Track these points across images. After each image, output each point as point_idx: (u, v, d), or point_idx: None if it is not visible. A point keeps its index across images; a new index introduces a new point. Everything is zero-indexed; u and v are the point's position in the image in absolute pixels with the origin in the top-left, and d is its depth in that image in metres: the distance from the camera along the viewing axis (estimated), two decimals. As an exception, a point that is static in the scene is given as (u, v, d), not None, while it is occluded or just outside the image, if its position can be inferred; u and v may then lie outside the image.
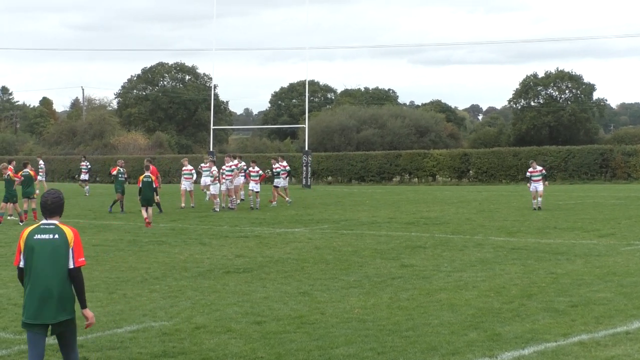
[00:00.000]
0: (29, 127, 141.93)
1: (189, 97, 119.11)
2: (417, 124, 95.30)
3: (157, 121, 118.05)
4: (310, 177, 62.88)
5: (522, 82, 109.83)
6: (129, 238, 26.15)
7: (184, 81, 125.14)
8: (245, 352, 11.55)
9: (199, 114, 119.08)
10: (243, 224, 30.75)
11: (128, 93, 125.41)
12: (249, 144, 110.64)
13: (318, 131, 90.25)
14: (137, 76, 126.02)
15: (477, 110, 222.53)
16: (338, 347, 11.77)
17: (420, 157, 69.21)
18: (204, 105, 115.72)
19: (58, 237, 9.10)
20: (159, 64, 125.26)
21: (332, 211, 36.80)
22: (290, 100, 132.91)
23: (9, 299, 15.71)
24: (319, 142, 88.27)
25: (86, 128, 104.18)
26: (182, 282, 17.63)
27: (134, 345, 11.94)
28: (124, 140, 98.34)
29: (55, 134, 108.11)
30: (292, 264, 20.12)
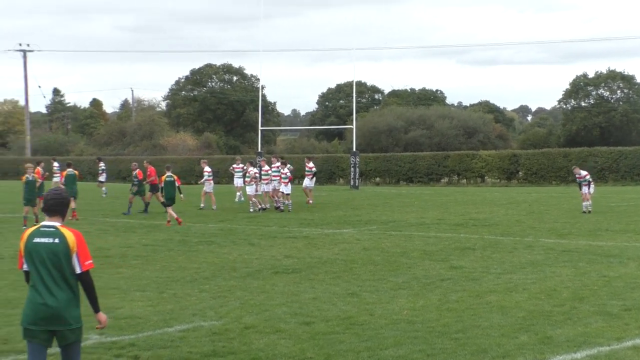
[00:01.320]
0: (80, 128, 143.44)
1: (236, 98, 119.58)
2: (465, 124, 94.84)
3: (206, 122, 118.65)
4: (358, 178, 62.79)
5: (572, 82, 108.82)
6: (179, 238, 26.30)
7: (231, 82, 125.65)
8: (294, 352, 11.56)
9: (247, 115, 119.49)
10: (292, 224, 30.80)
11: (176, 94, 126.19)
12: (296, 144, 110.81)
13: (365, 132, 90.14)
14: (185, 77, 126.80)
15: (526, 111, 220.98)
16: (387, 348, 11.73)
17: (468, 158, 68.83)
18: (251, 106, 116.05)
19: (58, 242, 8.47)
20: (207, 65, 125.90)
21: (380, 212, 36.72)
22: (338, 101, 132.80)
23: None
24: (367, 143, 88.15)
25: (135, 129, 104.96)
26: (231, 282, 17.69)
27: (184, 345, 12.00)
28: (172, 141, 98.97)
29: (105, 134, 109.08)
30: (340, 265, 20.11)
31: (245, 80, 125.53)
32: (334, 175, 72.06)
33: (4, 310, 14.54)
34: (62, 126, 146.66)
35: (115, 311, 14.42)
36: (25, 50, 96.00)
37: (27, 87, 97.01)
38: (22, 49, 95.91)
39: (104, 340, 12.29)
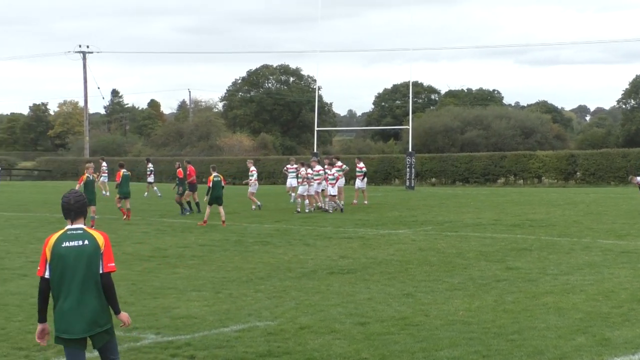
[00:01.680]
0: (138, 128, 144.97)
1: (293, 98, 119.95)
2: (522, 125, 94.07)
3: (262, 123, 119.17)
4: (414, 179, 62.61)
5: (632, 81, 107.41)
6: (235, 238, 26.44)
7: (288, 83, 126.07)
8: (349, 352, 11.57)
9: (303, 116, 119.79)
10: (347, 225, 30.80)
11: (233, 95, 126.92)
12: (352, 145, 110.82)
13: (422, 132, 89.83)
14: (242, 78, 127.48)
15: (585, 111, 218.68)
16: (442, 349, 11.69)
17: (525, 159, 68.19)
18: (308, 107, 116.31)
19: (88, 243, 8.38)
20: (263, 66, 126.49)
21: (436, 213, 36.57)
22: (394, 101, 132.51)
23: (119, 297, 15.96)
24: (423, 144, 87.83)
25: (192, 130, 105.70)
26: (287, 282, 17.75)
27: (240, 345, 12.06)
28: (229, 142, 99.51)
29: (163, 135, 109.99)
30: (395, 266, 20.07)
31: (302, 81, 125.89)
32: (390, 176, 71.89)
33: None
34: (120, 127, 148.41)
35: (172, 311, 14.56)
36: (84, 52, 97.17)
37: (86, 89, 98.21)
38: (81, 50, 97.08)
39: (160, 340, 12.42)
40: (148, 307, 14.97)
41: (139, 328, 13.17)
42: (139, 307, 14.98)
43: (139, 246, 24.57)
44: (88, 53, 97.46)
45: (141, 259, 21.75)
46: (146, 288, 17.06)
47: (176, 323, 13.53)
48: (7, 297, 16.09)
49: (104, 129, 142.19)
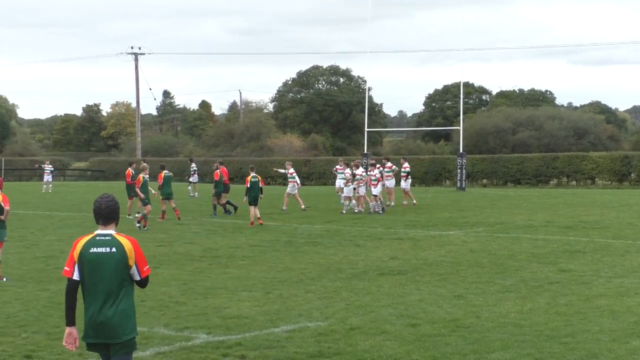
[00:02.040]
0: (189, 129, 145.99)
1: (343, 99, 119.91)
2: (575, 125, 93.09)
3: (312, 123, 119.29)
4: (465, 180, 62.30)
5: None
6: (285, 239, 26.49)
7: (338, 84, 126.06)
8: (400, 354, 11.53)
9: (353, 116, 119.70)
10: (397, 226, 30.73)
11: (284, 96, 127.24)
12: (402, 146, 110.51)
13: (472, 133, 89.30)
14: (292, 79, 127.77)
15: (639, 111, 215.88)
16: (493, 351, 11.61)
17: (578, 160, 67.56)
18: (358, 108, 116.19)
19: (116, 251, 8.23)
20: (314, 67, 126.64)
21: (487, 214, 36.35)
22: (445, 102, 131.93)
23: (170, 296, 16.15)
24: (474, 145, 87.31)
25: (243, 130, 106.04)
26: (337, 283, 17.74)
27: (291, 345, 12.08)
28: (279, 143, 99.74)
29: (214, 136, 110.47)
30: (446, 267, 19.98)
31: (352, 81, 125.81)
32: (440, 177, 71.64)
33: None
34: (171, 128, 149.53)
35: (223, 311, 14.62)
36: (136, 54, 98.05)
37: (138, 90, 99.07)
38: (133, 52, 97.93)
39: (211, 340, 12.48)
40: (199, 306, 15.05)
41: (191, 327, 13.25)
42: (190, 306, 15.07)
43: (190, 246, 24.72)
44: (140, 54, 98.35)
45: (192, 259, 21.88)
46: (197, 288, 17.16)
47: (227, 323, 13.59)
48: (62, 296, 16.14)
49: (156, 130, 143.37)
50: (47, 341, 12.40)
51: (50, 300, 15.64)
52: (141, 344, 12.21)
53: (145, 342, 12.27)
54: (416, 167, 70.99)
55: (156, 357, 11.55)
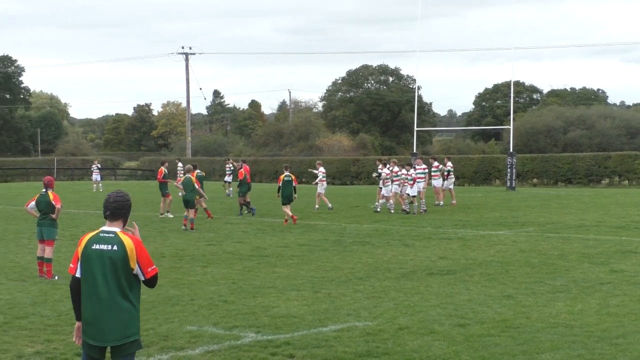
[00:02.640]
0: (239, 129, 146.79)
1: (392, 98, 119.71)
2: (628, 125, 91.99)
3: (361, 123, 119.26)
4: (515, 179, 61.85)
5: None
6: (334, 238, 26.50)
7: (387, 83, 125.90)
8: (448, 354, 11.48)
9: (403, 116, 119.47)
10: (446, 225, 30.61)
11: (333, 95, 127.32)
12: (452, 145, 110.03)
13: (523, 132, 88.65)
14: (342, 79, 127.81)
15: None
16: (543, 352, 11.52)
17: (631, 159, 66.70)
18: (407, 107, 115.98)
19: (117, 249, 7.95)
20: (363, 66, 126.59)
21: (538, 214, 36.05)
22: (495, 101, 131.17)
23: (219, 295, 16.23)
24: (524, 144, 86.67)
25: (292, 130, 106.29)
26: (386, 282, 17.71)
27: (339, 344, 12.07)
28: (328, 142, 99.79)
29: (263, 135, 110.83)
30: (496, 267, 19.86)
31: (401, 80, 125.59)
32: (490, 176, 71.18)
33: (165, 307, 14.98)
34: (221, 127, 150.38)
35: (272, 310, 14.66)
36: (187, 54, 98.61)
37: (188, 90, 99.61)
38: (184, 52, 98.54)
39: (260, 339, 12.51)
40: (248, 305, 15.11)
41: (240, 326, 13.31)
42: (239, 305, 15.13)
43: (239, 245, 24.82)
44: (190, 54, 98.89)
45: (241, 258, 21.97)
46: (246, 287, 17.22)
47: (276, 322, 13.62)
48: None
49: (206, 129, 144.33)
50: (98, 339, 12.50)
51: (101, 299, 15.77)
52: (190, 342, 12.30)
53: (194, 341, 12.35)
54: (466, 166, 70.72)
55: (205, 355, 11.61)
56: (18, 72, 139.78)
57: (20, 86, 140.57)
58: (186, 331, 13.01)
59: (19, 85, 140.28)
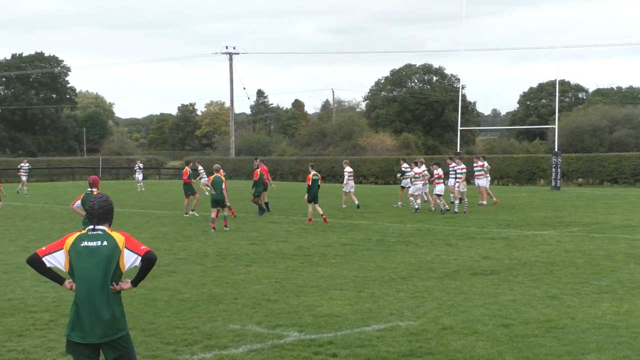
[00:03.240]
0: (282, 128, 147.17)
1: (436, 98, 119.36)
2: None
3: (405, 122, 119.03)
4: (560, 179, 61.38)
5: None
6: (377, 238, 26.47)
7: (431, 82, 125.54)
8: (492, 354, 11.42)
9: (446, 115, 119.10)
10: (490, 225, 30.45)
11: (376, 95, 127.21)
12: (496, 145, 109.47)
13: (568, 132, 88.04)
14: (385, 78, 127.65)
15: None
16: (589, 353, 11.42)
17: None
18: (451, 106, 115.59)
19: (107, 244, 8.03)
20: (406, 65, 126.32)
21: (583, 214, 35.75)
22: (539, 100, 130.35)
23: (263, 294, 16.27)
24: (569, 143, 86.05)
25: (335, 129, 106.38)
26: (429, 282, 17.66)
27: (382, 344, 12.06)
28: (371, 142, 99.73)
29: (306, 135, 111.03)
30: (540, 267, 19.72)
31: (445, 80, 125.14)
32: (535, 176, 70.67)
33: (208, 306, 15.05)
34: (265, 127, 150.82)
35: (315, 309, 14.67)
36: (231, 53, 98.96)
37: (232, 89, 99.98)
38: (228, 52, 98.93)
39: (303, 338, 12.53)
40: (291, 304, 15.14)
41: (283, 325, 13.34)
42: (282, 304, 15.17)
43: (282, 244, 24.88)
44: (234, 54, 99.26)
45: (284, 257, 22.01)
46: (289, 286, 17.26)
47: (319, 321, 13.63)
48: (156, 293, 16.53)
49: (249, 129, 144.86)
50: (142, 337, 12.61)
51: (145, 297, 15.91)
52: (234, 341, 12.35)
53: (237, 340, 12.40)
54: (510, 166, 70.31)
55: (248, 354, 11.65)
56: (64, 72, 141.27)
57: (66, 86, 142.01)
58: (229, 330, 13.06)
59: (65, 85, 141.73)
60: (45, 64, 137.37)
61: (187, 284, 17.66)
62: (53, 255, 8.11)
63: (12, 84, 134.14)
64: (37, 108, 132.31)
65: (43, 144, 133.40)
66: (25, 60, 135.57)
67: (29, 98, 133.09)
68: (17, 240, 26.56)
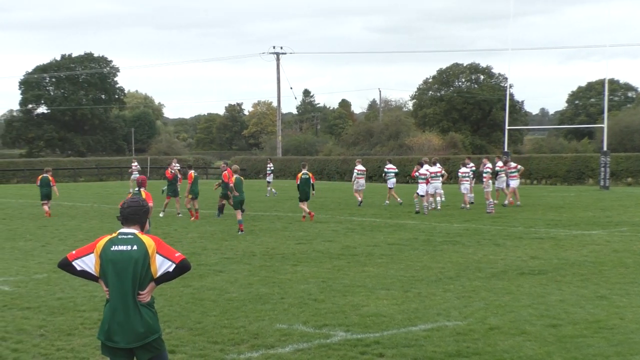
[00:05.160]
0: (329, 128, 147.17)
1: (483, 97, 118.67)
2: None
3: (451, 122, 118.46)
4: (609, 178, 60.78)
5: None
6: (424, 237, 26.41)
7: (478, 81, 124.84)
8: (540, 355, 11.36)
9: (494, 114, 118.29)
10: (538, 225, 30.24)
11: (423, 94, 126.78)
12: (544, 144, 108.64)
13: (617, 131, 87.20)
14: (432, 77, 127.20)
15: None
16: (638, 354, 11.33)
17: None
18: (498, 106, 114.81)
19: (137, 249, 7.99)
20: (453, 64, 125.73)
21: (632, 213, 35.38)
22: (588, 99, 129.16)
23: (309, 294, 16.31)
24: (618, 142, 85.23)
25: (382, 129, 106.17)
26: (476, 282, 17.59)
27: (429, 344, 12.04)
28: (418, 141, 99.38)
29: (353, 135, 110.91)
30: (589, 267, 19.56)
31: (492, 79, 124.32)
32: (583, 175, 70.05)
33: (255, 305, 15.12)
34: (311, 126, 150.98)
35: (361, 309, 14.68)
36: (278, 53, 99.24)
37: (279, 89, 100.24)
38: (275, 51, 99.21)
39: (349, 337, 12.55)
40: (338, 304, 15.16)
41: (329, 325, 13.36)
42: (329, 304, 15.19)
43: (329, 244, 24.91)
44: (281, 54, 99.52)
45: (331, 257, 22.04)
46: (336, 286, 17.28)
47: (365, 321, 13.64)
48: (204, 292, 16.64)
49: (296, 129, 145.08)
50: (190, 336, 12.71)
51: (193, 297, 16.02)
52: (280, 340, 12.40)
53: (284, 339, 12.45)
54: (558, 165, 69.80)
55: (295, 353, 11.69)
56: (113, 72, 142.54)
57: (115, 86, 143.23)
58: (276, 329, 13.11)
59: (114, 85, 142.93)
60: (95, 64, 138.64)
61: (234, 283, 17.75)
62: (83, 260, 8.14)
63: (62, 84, 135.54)
64: (86, 108, 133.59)
65: (92, 144, 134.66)
66: (75, 61, 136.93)
67: (78, 98, 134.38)
68: (66, 240, 26.87)
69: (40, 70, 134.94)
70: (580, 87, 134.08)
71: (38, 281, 18.25)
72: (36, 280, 18.42)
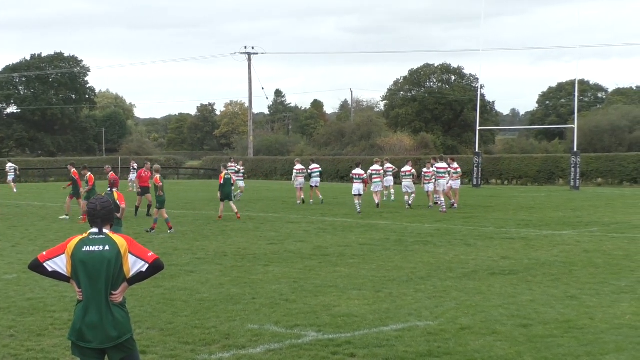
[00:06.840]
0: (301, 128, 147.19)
1: (454, 97, 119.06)
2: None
3: (423, 122, 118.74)
4: (579, 179, 61.20)
5: None
6: (395, 238, 26.45)
7: (450, 82, 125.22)
8: (511, 355, 11.40)
9: (465, 115, 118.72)
10: (509, 225, 30.38)
11: (395, 94, 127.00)
12: (515, 144, 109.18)
13: (587, 131, 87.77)
14: (403, 78, 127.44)
15: None
16: (608, 353, 11.38)
17: (698, 158, 65.61)
18: (469, 106, 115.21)
19: (109, 249, 7.86)
20: (425, 65, 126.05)
21: (602, 214, 35.62)
22: (559, 100, 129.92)
23: (281, 294, 16.28)
24: (588, 143, 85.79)
25: (354, 129, 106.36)
26: (447, 282, 17.63)
27: (400, 344, 12.05)
28: (390, 141, 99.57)
29: (325, 135, 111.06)
30: (559, 267, 19.66)
31: (464, 79, 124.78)
32: (554, 176, 70.49)
33: (227, 306, 15.07)
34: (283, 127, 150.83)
35: (333, 309, 14.67)
36: (249, 53, 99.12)
37: (251, 89, 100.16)
38: (247, 52, 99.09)
39: (321, 338, 12.53)
40: (309, 304, 15.14)
41: (301, 325, 13.34)
42: (300, 304, 15.18)
43: (301, 244, 24.89)
44: (253, 54, 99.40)
45: (303, 257, 22.02)
46: (307, 286, 17.26)
47: (337, 321, 13.63)
48: (175, 292, 16.57)
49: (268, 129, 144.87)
50: (161, 337, 12.65)
51: (164, 297, 15.95)
52: (252, 341, 12.37)
53: (256, 340, 12.41)
54: (529, 166, 70.20)
55: (267, 354, 11.66)
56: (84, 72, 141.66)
57: (85, 86, 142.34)
58: (248, 330, 13.08)
59: (84, 85, 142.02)
60: (65, 64, 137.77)
61: (206, 283, 17.69)
62: (54, 261, 7.98)
63: (32, 84, 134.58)
64: (56, 108, 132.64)
65: (62, 144, 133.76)
66: (45, 61, 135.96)
67: (48, 98, 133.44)
68: (36, 240, 26.68)
69: (9, 70, 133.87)
70: (551, 88, 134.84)
71: (7, 282, 18.10)
72: (5, 280, 18.27)
